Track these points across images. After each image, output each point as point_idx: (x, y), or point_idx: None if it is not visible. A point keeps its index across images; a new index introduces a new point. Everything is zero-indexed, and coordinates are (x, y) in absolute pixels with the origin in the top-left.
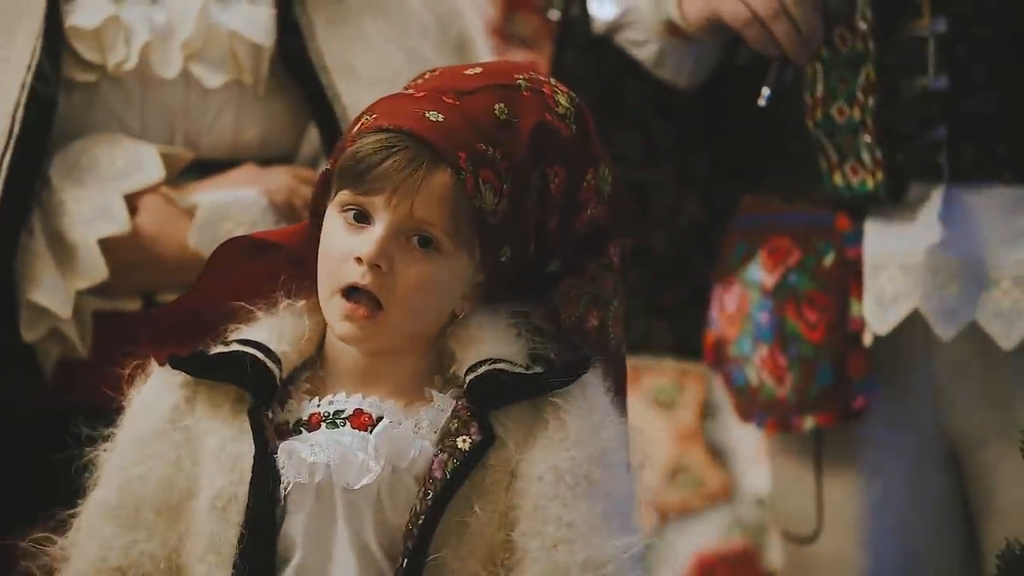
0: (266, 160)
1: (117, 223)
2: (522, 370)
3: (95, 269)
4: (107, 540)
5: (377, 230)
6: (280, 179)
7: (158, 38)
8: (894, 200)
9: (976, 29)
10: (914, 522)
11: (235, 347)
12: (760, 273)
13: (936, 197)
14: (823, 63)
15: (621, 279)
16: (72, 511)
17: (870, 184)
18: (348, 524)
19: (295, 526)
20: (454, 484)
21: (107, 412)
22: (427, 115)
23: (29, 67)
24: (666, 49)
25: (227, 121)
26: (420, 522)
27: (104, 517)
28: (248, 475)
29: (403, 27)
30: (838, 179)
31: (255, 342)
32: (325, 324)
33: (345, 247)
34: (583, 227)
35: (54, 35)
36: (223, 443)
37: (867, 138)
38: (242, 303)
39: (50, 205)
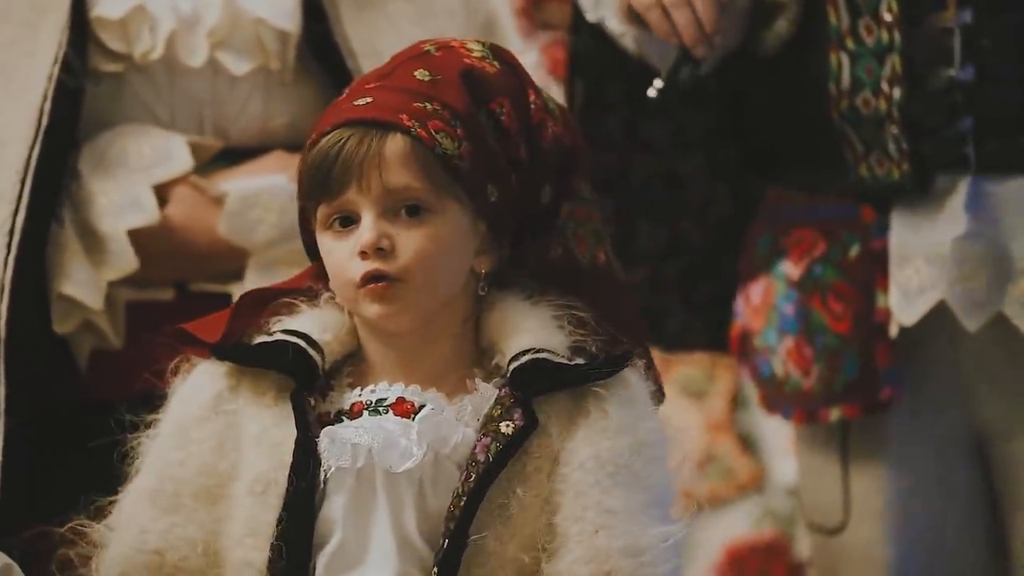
0: (295, 146)
1: (146, 213)
2: (565, 360)
3: (125, 260)
4: (146, 523)
5: (365, 219)
6: None
7: (184, 26)
8: (920, 191)
9: (1002, 20)
10: (941, 513)
11: (279, 336)
12: (786, 264)
13: (962, 188)
14: (848, 54)
15: (598, 205)
16: (109, 499)
17: (896, 175)
18: (389, 508)
19: (335, 509)
20: (497, 467)
21: (146, 400)
22: (355, 104)
23: (56, 59)
24: (640, 39)
25: (255, 108)
26: (462, 504)
27: (143, 502)
28: (288, 460)
29: (429, 9)
30: (863, 170)
31: (298, 331)
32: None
33: (345, 253)
34: (552, 147)
35: (80, 26)
36: (264, 429)
37: (893, 129)
38: (285, 297)
39: (79, 197)
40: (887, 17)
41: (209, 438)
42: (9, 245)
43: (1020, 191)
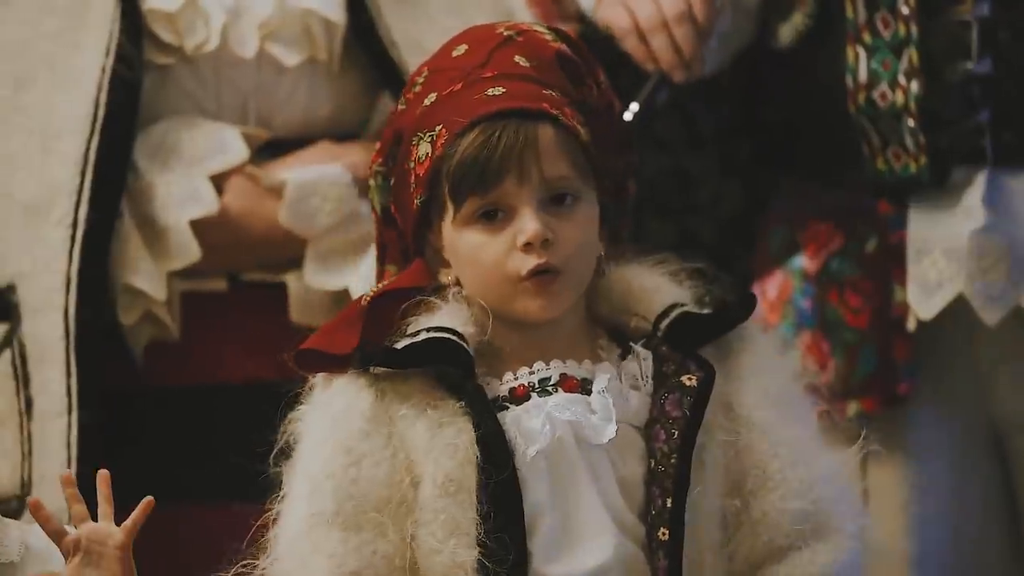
0: (336, 137)
1: (207, 204)
2: (707, 311)
3: (188, 250)
4: (336, 547)
5: (524, 213)
6: (360, 154)
7: (235, 18)
8: (937, 184)
9: (1019, 12)
10: (960, 506)
11: (431, 335)
12: (802, 259)
13: (979, 181)
14: (865, 47)
15: None
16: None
17: (913, 168)
18: (594, 483)
19: (538, 493)
20: (695, 419)
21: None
22: (488, 94)
23: (108, 51)
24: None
25: (300, 99)
26: (674, 460)
27: (325, 527)
28: (470, 456)
29: (461, 1)
30: (881, 164)
31: (447, 328)
32: (485, 309)
33: (500, 248)
34: (621, 123)
35: (132, 18)
36: (432, 431)
37: (910, 122)
38: (419, 295)
39: (138, 189)
40: (904, 10)
41: (377, 450)
42: (72, 238)
43: None
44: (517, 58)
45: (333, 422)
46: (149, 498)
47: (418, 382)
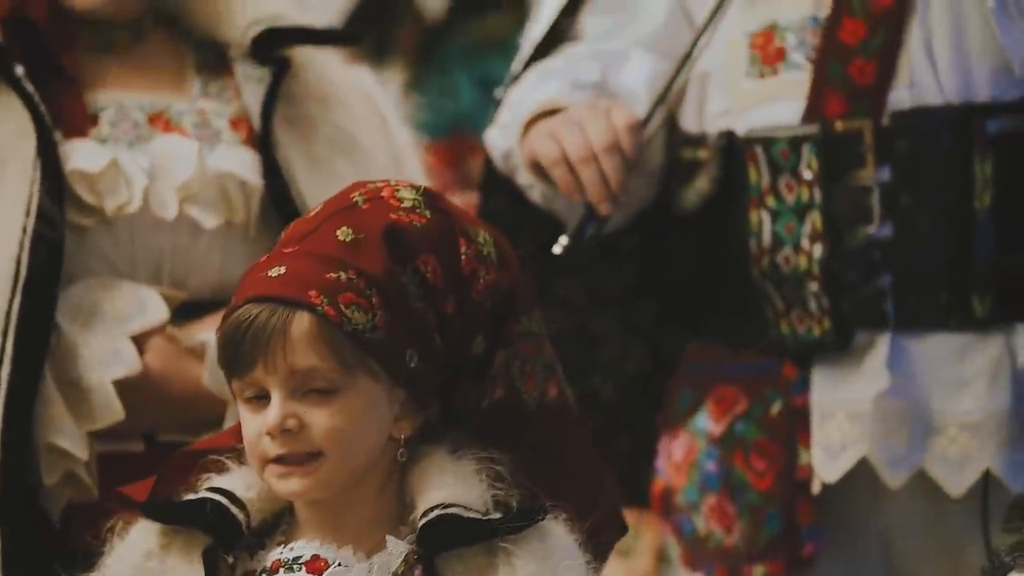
0: None
1: (128, 365)
2: (477, 515)
3: (111, 410)
4: None
5: (273, 399)
6: None
7: (155, 180)
8: (840, 348)
9: (920, 177)
10: None
11: (202, 494)
12: (707, 422)
13: (882, 344)
14: (769, 211)
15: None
16: None
17: (816, 332)
18: None
19: None
20: None
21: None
22: (268, 273)
23: (28, 211)
24: (547, 193)
25: (215, 261)
26: None
27: None
28: None
29: (367, 167)
30: (784, 327)
31: (222, 489)
32: None
33: (256, 427)
34: (484, 297)
35: (54, 179)
36: None
37: (813, 286)
38: (212, 455)
39: (60, 349)
40: (807, 175)
41: None
42: None
43: (939, 347)
44: (340, 231)
45: (111, 562)
46: None
47: (205, 540)
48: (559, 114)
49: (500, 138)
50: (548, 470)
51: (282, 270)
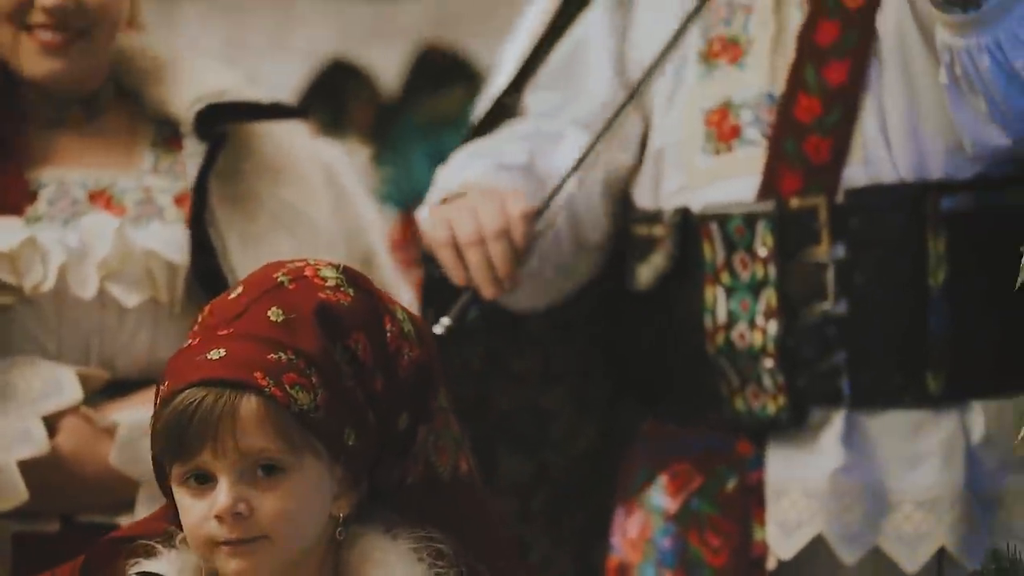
0: None
1: (36, 445)
2: None
3: (15, 492)
4: None
5: (221, 483)
6: None
7: (74, 259)
8: (795, 425)
9: (874, 254)
10: None
11: None
12: (662, 498)
13: (837, 421)
14: (724, 288)
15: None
16: None
17: (771, 409)
18: None
19: None
20: None
21: None
22: (208, 357)
23: None
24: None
25: (143, 340)
26: None
27: None
28: None
29: (312, 244)
30: (739, 404)
31: (153, 574)
32: None
33: (200, 512)
34: (408, 373)
35: None
36: None
37: (768, 363)
38: (141, 539)
39: None
40: (762, 252)
41: None
42: None
43: (894, 424)
44: (271, 312)
45: None
46: None
47: None
48: (459, 199)
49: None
50: (467, 545)
51: (222, 352)
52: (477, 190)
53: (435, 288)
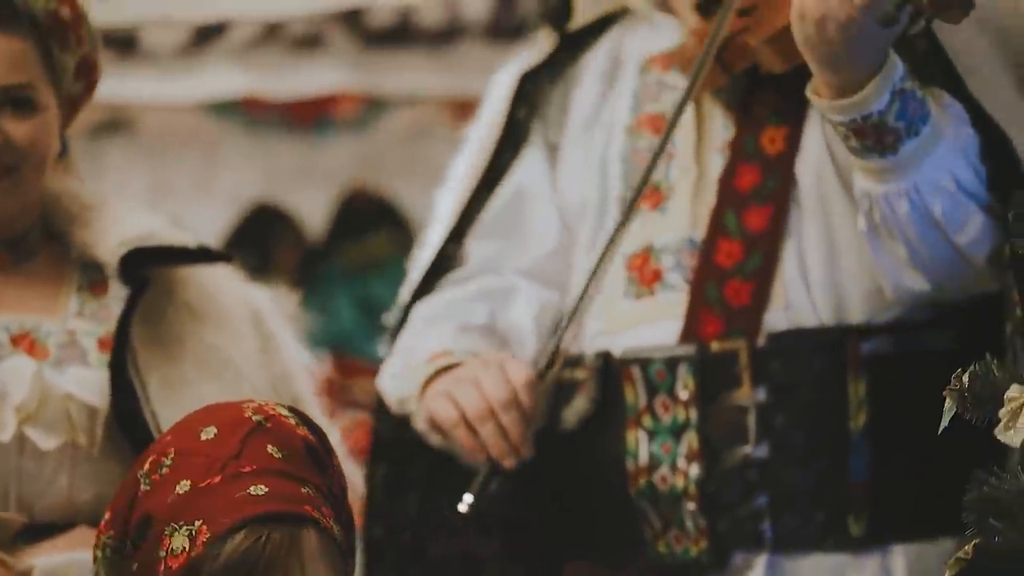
0: (99, 521)
1: None
2: None
3: None
4: None
5: None
6: None
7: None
8: (718, 568)
9: (795, 398)
10: None
11: None
12: None
13: (759, 565)
14: (645, 431)
15: None
16: None
17: (694, 552)
18: None
19: None
20: None
21: None
22: (251, 493)
23: None
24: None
25: (62, 483)
26: None
27: None
28: None
29: (237, 389)
30: (662, 547)
31: None
32: None
33: None
34: (344, 498)
35: None
36: None
37: (690, 506)
38: None
39: None
40: (683, 395)
41: None
42: None
43: (816, 568)
44: (270, 448)
45: None
46: None
47: None
48: (455, 371)
49: (393, 386)
50: None
51: (264, 489)
52: (473, 361)
53: (384, 445)
